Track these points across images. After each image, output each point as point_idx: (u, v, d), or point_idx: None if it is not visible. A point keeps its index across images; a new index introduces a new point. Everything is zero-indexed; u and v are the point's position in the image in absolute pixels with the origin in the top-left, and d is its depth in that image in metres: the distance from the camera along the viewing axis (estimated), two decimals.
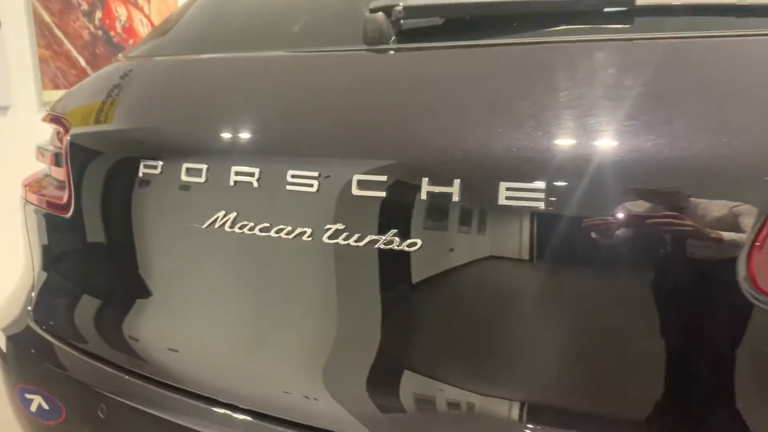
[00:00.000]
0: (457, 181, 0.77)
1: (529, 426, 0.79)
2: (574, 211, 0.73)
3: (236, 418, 0.92)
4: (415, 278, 0.82)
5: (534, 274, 0.77)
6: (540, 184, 0.74)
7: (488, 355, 0.81)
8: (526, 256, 0.76)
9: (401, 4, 0.92)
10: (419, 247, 0.80)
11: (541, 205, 0.74)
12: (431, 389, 0.85)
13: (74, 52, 3.42)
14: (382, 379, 0.86)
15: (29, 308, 1.18)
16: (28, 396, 1.14)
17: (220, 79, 1.10)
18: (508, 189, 0.75)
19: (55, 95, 3.28)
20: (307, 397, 0.90)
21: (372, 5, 0.93)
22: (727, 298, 0.70)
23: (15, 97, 3.15)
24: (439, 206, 0.79)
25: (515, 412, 0.80)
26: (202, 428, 0.92)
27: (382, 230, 0.81)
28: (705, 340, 0.74)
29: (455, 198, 0.77)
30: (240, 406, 0.92)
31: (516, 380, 0.80)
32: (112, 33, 3.63)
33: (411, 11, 0.93)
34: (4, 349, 1.18)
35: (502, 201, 0.75)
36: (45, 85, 3.27)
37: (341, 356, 0.89)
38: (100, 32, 3.55)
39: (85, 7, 3.46)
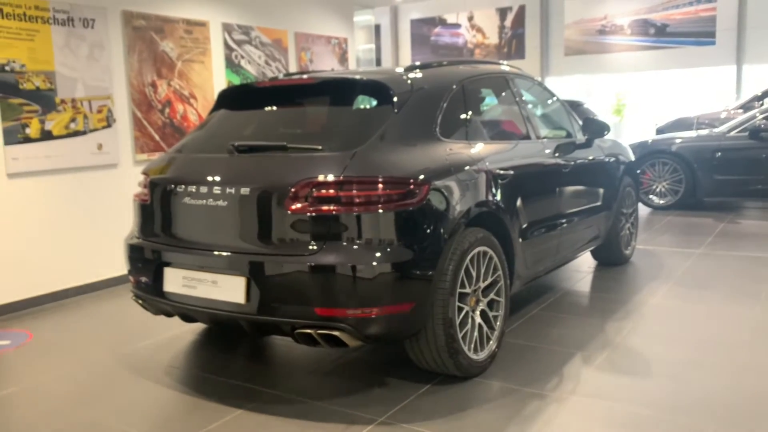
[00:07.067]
0: (237, 189, 3.12)
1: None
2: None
3: (196, 251, 3.21)
4: (231, 210, 3.09)
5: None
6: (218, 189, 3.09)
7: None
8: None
9: (236, 144, 3.28)
10: (225, 204, 3.10)
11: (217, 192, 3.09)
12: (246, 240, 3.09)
13: (153, 133, 5.79)
14: (230, 240, 3.18)
15: (136, 234, 3.63)
16: (141, 278, 3.56)
17: (192, 163, 3.45)
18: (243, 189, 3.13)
19: (141, 157, 5.66)
20: (220, 243, 3.17)
21: (229, 143, 3.28)
22: (282, 209, 2.94)
23: (120, 159, 5.54)
24: (228, 195, 3.07)
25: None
26: (186, 255, 3.25)
27: (218, 200, 3.12)
28: (275, 220, 2.99)
29: (229, 192, 3.10)
30: (196, 248, 3.22)
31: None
32: (174, 120, 6.06)
33: (240, 146, 3.24)
34: (130, 251, 3.64)
35: (242, 192, 3.11)
36: (137, 151, 5.63)
37: (223, 232, 3.18)
38: (167, 121, 5.92)
39: (159, 107, 5.87)
